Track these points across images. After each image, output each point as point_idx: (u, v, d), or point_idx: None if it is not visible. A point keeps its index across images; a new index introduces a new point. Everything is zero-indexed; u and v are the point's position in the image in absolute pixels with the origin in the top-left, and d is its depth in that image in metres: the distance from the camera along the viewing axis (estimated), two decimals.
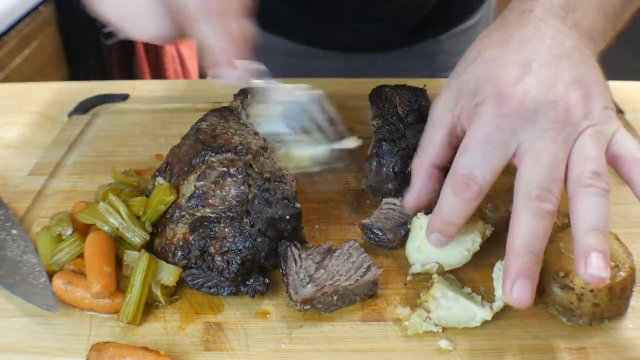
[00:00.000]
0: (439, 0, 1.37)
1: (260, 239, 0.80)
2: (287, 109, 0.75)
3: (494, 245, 0.84)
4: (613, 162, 0.72)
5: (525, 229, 0.67)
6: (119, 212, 0.85)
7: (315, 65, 1.45)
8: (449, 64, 1.48)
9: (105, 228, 0.84)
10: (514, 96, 0.70)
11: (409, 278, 0.84)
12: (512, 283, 0.67)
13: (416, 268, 0.83)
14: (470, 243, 0.82)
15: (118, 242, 0.84)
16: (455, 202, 0.73)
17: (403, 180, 0.95)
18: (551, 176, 0.68)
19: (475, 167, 0.71)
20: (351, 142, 0.77)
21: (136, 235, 0.84)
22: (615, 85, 1.31)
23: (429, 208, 0.80)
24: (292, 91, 0.75)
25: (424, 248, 0.82)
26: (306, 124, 0.76)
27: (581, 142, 0.70)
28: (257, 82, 0.74)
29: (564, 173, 0.70)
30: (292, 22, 1.41)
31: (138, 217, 0.87)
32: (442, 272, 0.82)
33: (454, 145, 0.78)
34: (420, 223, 0.83)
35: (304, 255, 0.81)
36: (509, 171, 0.92)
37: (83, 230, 0.86)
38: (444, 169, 0.79)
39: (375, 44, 1.42)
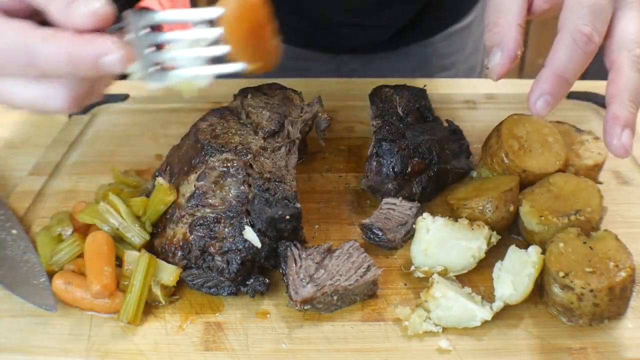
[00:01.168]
0: (430, 1, 1.37)
1: (260, 239, 0.80)
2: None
3: (494, 246, 0.85)
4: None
5: (631, 82, 0.70)
6: (119, 212, 0.85)
7: (309, 67, 1.46)
8: (442, 65, 1.48)
9: (105, 228, 0.84)
10: None
11: (412, 268, 0.84)
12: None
13: (420, 270, 0.83)
14: (477, 250, 0.82)
15: (118, 242, 0.84)
16: (578, 56, 0.71)
17: (403, 180, 0.95)
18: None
19: (595, 20, 0.71)
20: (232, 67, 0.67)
21: (136, 235, 0.84)
22: None
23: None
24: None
25: (431, 252, 0.82)
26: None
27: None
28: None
29: None
30: (285, 24, 1.41)
31: (138, 217, 0.87)
32: (445, 274, 0.82)
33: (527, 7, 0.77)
34: (425, 224, 0.84)
35: (304, 255, 0.81)
36: (509, 171, 0.92)
37: (83, 230, 0.86)
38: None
39: (367, 45, 1.42)
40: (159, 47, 0.64)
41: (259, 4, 0.65)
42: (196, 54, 0.64)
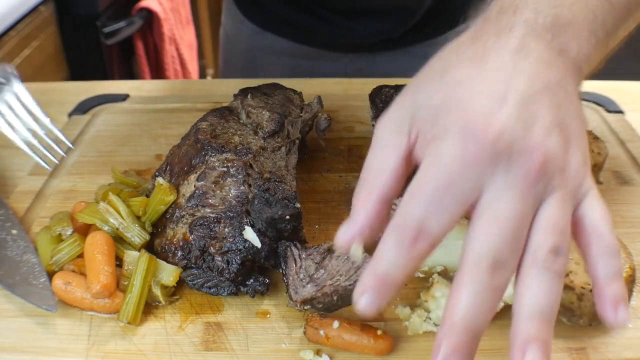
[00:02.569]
0: (433, 3, 1.37)
1: (260, 239, 0.80)
2: None
3: None
4: (574, 226, 0.59)
5: (467, 302, 0.54)
6: (119, 212, 0.85)
7: (314, 65, 1.46)
8: None
9: (105, 228, 0.84)
10: (484, 134, 0.55)
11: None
12: (446, 356, 0.55)
13: (420, 270, 0.83)
14: None
15: (118, 242, 0.84)
16: (400, 257, 0.55)
17: None
18: (511, 245, 0.54)
19: (429, 217, 0.55)
20: None
21: (136, 235, 0.84)
22: (616, 85, 1.32)
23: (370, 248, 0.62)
24: None
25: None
26: None
27: (549, 205, 0.56)
28: None
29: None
30: (291, 21, 1.41)
31: (138, 217, 0.87)
32: (445, 274, 0.82)
33: (406, 176, 0.62)
34: None
35: (304, 255, 0.81)
36: None
37: (83, 230, 0.86)
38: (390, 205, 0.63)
39: (374, 44, 1.42)
40: None
41: None
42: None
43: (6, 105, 0.75)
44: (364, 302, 0.55)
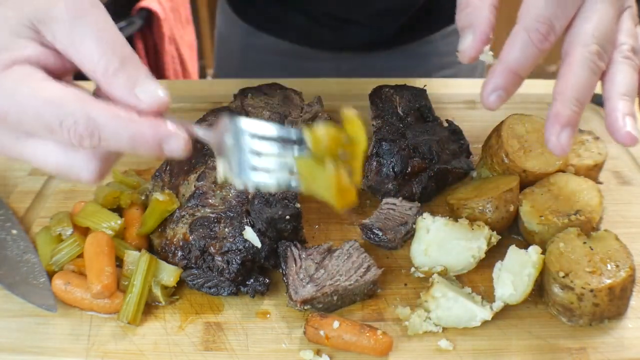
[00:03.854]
0: (427, 1, 1.37)
1: (260, 239, 0.80)
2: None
3: (494, 246, 0.84)
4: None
5: (580, 80, 0.69)
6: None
7: (309, 65, 1.45)
8: (441, 64, 1.47)
9: (104, 225, 0.85)
10: None
11: (412, 268, 0.84)
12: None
13: (420, 270, 0.83)
14: (477, 250, 0.82)
15: (118, 242, 0.84)
16: (531, 51, 0.69)
17: (403, 180, 0.95)
18: (609, 37, 0.71)
19: (555, 16, 0.69)
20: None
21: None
22: None
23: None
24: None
25: (431, 252, 0.82)
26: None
27: (624, 18, 0.74)
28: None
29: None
30: (286, 22, 1.41)
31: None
32: (445, 274, 0.82)
33: None
34: (425, 224, 0.84)
35: (304, 255, 0.81)
36: (509, 171, 0.92)
37: (83, 230, 0.86)
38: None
39: (367, 44, 1.42)
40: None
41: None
42: (281, 165, 0.64)
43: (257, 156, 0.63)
44: (494, 99, 0.71)
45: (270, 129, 0.64)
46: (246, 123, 0.64)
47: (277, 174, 0.64)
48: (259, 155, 0.63)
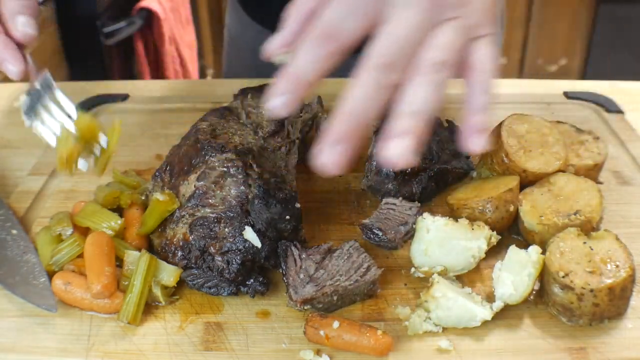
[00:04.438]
0: None
1: (260, 239, 0.80)
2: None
3: (494, 246, 0.85)
4: (463, 64, 0.68)
5: (357, 96, 0.62)
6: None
7: None
8: None
9: (104, 225, 0.85)
10: None
11: (412, 269, 0.84)
12: (329, 144, 0.62)
13: (420, 270, 0.83)
14: (477, 250, 0.82)
15: (118, 242, 0.84)
16: (316, 56, 0.64)
17: (403, 180, 0.95)
18: (402, 51, 0.63)
19: (342, 20, 0.63)
20: None
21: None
22: (616, 85, 1.32)
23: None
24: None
25: (431, 252, 0.82)
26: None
27: (443, 30, 0.64)
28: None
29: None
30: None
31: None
32: (445, 274, 0.82)
33: None
34: (425, 224, 0.84)
35: (304, 255, 0.81)
36: (509, 171, 0.92)
37: (83, 230, 0.86)
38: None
39: (362, 43, 1.41)
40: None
41: None
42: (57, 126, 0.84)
43: (47, 112, 0.85)
44: (279, 103, 0.64)
45: (66, 102, 0.85)
46: (53, 86, 0.84)
47: (52, 132, 0.83)
48: (48, 114, 0.84)
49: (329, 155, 0.62)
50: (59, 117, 0.83)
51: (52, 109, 0.84)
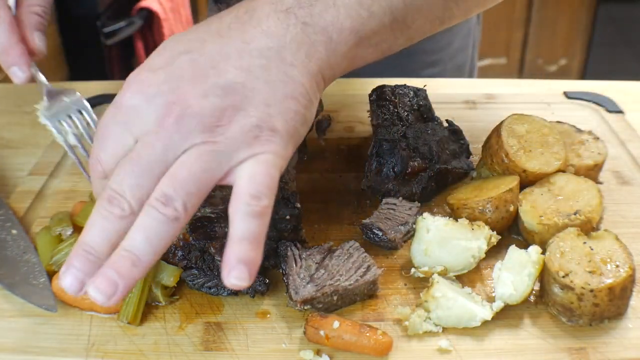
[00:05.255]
0: None
1: None
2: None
3: (494, 246, 0.85)
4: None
5: (93, 226, 0.61)
6: None
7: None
8: (427, 62, 1.46)
9: None
10: (132, 87, 0.64)
11: (412, 269, 0.84)
12: (67, 268, 0.60)
13: (420, 270, 0.83)
14: (477, 250, 0.82)
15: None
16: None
17: (403, 180, 0.95)
18: (134, 181, 0.61)
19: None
20: None
21: None
22: (615, 85, 1.32)
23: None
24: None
25: (431, 252, 0.82)
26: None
27: (182, 158, 0.61)
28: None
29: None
30: None
31: None
32: (445, 274, 0.82)
33: None
34: (425, 224, 0.84)
35: (304, 255, 0.81)
36: (509, 171, 0.92)
37: None
38: None
39: None
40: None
41: None
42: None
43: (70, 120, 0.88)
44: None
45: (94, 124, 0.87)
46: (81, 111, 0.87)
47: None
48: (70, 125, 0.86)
49: (67, 280, 0.60)
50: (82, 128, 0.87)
51: (76, 120, 0.87)
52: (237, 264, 0.59)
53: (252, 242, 0.61)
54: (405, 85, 1.08)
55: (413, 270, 0.84)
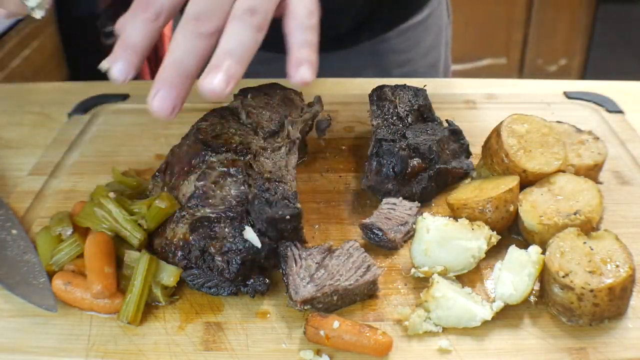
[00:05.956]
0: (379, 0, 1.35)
1: (260, 239, 0.80)
2: None
3: (494, 246, 0.85)
4: (284, 9, 0.74)
5: (179, 47, 0.69)
6: (110, 214, 0.85)
7: (268, 69, 1.43)
8: (398, 61, 1.45)
9: (104, 226, 0.85)
10: None
11: (412, 269, 0.84)
12: (156, 91, 0.68)
13: (420, 270, 0.83)
14: (477, 250, 0.82)
15: (118, 242, 0.84)
16: (137, 25, 0.72)
17: (403, 180, 0.95)
18: (214, 3, 0.70)
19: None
20: None
21: (132, 237, 0.83)
22: (615, 85, 1.32)
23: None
24: None
25: (431, 252, 0.82)
26: None
27: None
28: None
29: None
30: None
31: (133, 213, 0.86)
32: (445, 274, 0.82)
33: None
34: (425, 224, 0.84)
35: (304, 255, 0.81)
36: (509, 171, 0.92)
37: (83, 230, 0.86)
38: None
39: (321, 43, 1.40)
40: None
41: None
42: None
43: None
44: (116, 71, 0.72)
45: None
46: None
47: None
48: None
49: (157, 101, 0.68)
50: None
51: None
52: (303, 63, 0.71)
53: (312, 48, 0.73)
54: (405, 85, 1.08)
55: (413, 270, 0.84)
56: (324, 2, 1.33)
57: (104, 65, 0.72)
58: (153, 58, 2.86)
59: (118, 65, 0.72)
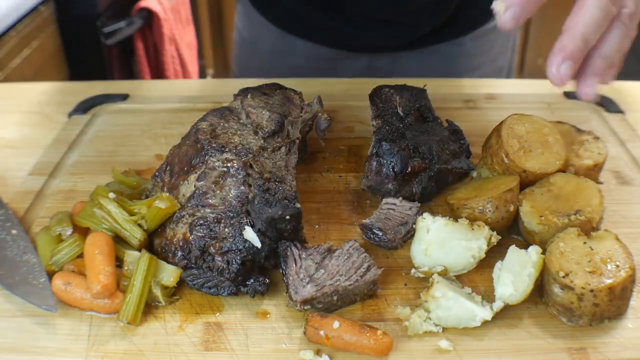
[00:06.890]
0: (461, 1, 1.37)
1: (260, 239, 0.80)
2: None
3: (494, 246, 0.85)
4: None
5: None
6: (110, 215, 0.85)
7: (337, 66, 1.45)
8: (470, 65, 1.47)
9: (104, 226, 0.85)
10: None
11: (412, 269, 0.84)
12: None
13: (420, 270, 0.83)
14: (477, 250, 0.82)
15: (118, 243, 0.84)
16: (600, 15, 0.73)
17: (403, 180, 0.95)
18: None
19: None
20: None
21: (132, 237, 0.83)
22: (616, 86, 1.32)
23: None
24: None
25: (431, 252, 0.82)
26: None
27: None
28: None
29: None
30: (316, 24, 1.40)
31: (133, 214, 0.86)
32: (445, 274, 0.82)
33: None
34: (425, 224, 0.84)
35: (304, 255, 0.81)
36: (509, 171, 0.92)
37: (83, 230, 0.86)
38: None
39: (397, 44, 1.41)
40: None
41: None
42: None
43: None
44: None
45: None
46: None
47: None
48: None
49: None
50: None
51: None
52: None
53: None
54: (405, 85, 1.08)
55: (413, 270, 0.84)
56: (408, 4, 1.34)
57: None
58: (153, 58, 2.86)
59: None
